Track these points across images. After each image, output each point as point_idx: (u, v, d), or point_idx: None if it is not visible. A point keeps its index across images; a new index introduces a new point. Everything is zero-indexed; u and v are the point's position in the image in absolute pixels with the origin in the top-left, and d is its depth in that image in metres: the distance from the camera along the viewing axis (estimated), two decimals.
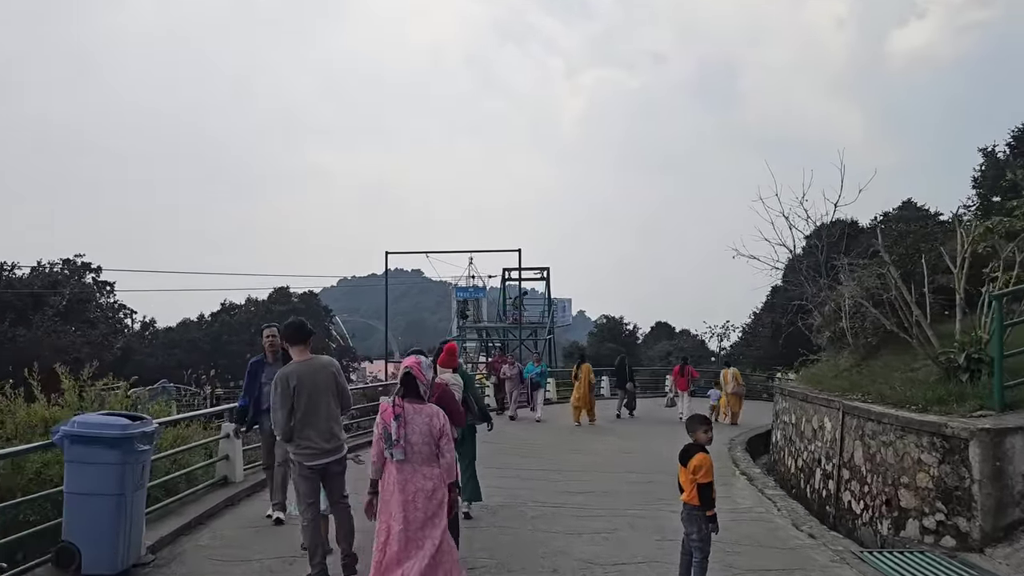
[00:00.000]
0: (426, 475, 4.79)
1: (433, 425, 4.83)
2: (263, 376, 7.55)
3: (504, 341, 37.36)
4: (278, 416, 5.63)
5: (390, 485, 4.80)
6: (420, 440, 4.78)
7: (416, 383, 4.91)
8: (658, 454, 13.51)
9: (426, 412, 4.88)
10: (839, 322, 14.37)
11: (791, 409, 12.72)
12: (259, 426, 7.84)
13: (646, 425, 19.24)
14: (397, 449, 4.72)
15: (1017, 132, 39.07)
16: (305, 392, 5.63)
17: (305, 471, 5.69)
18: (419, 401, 4.91)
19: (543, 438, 15.45)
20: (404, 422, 4.76)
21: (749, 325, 61.11)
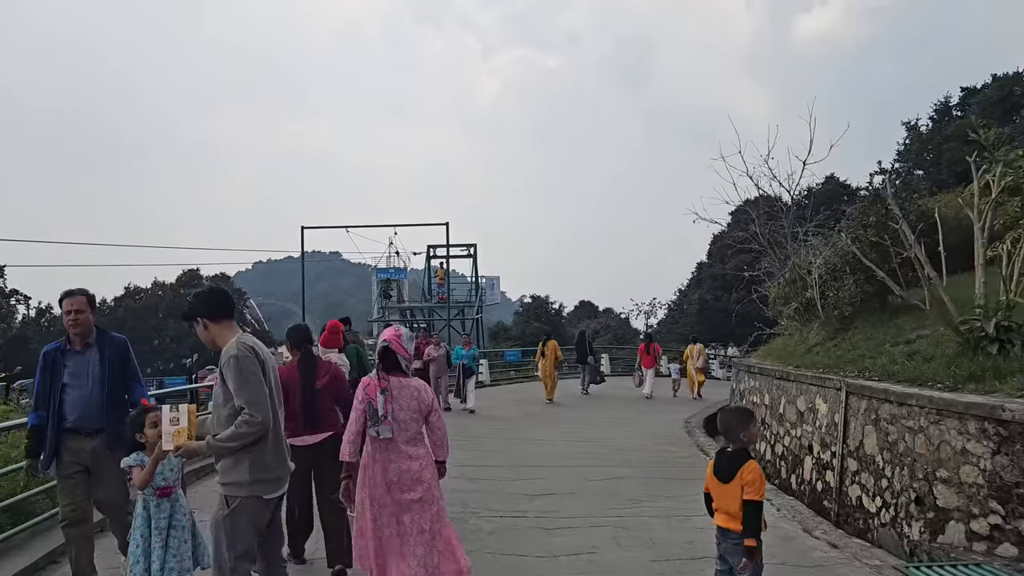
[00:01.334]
0: (411, 455, 4.41)
1: (422, 400, 4.47)
2: (66, 372, 4.92)
3: (429, 322, 35.49)
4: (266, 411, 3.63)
5: (371, 467, 4.39)
6: (408, 416, 4.41)
7: (396, 357, 4.50)
8: (617, 443, 12.08)
9: (413, 386, 4.50)
10: (805, 292, 13.23)
11: (763, 388, 11.46)
12: (58, 459, 4.86)
13: (603, 407, 17.85)
14: (385, 426, 4.31)
15: (940, 105, 39.54)
16: (273, 384, 3.86)
17: (257, 507, 3.77)
18: (402, 374, 4.52)
19: (485, 428, 13.81)
20: (391, 396, 4.37)
21: (675, 302, 61.02)
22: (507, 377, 25.54)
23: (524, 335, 58.79)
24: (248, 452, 3.64)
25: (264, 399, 3.64)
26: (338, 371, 5.74)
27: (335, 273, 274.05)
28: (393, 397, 4.38)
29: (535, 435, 12.84)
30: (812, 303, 12.85)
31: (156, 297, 69.71)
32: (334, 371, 5.65)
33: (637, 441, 12.30)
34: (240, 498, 3.66)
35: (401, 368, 4.51)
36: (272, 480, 3.76)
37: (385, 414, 4.32)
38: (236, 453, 3.63)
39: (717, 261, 55.59)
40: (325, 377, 5.52)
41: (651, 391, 20.02)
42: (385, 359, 4.51)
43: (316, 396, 5.41)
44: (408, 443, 4.40)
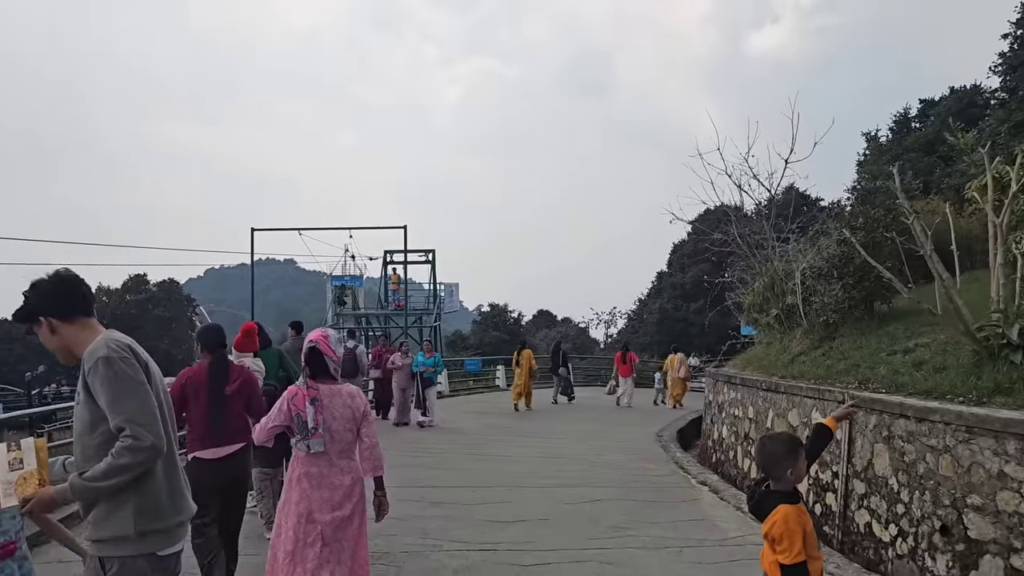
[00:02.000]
0: (345, 468, 4.10)
1: (355, 407, 4.14)
2: None
3: (385, 329, 34.30)
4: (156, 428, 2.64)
5: (300, 484, 4.02)
6: (342, 426, 4.07)
7: (324, 360, 4.13)
8: (589, 459, 11.18)
9: (345, 392, 4.17)
10: (784, 298, 12.53)
11: (745, 401, 10.67)
12: None
13: (571, 419, 16.97)
14: (316, 439, 3.97)
15: (899, 117, 39.69)
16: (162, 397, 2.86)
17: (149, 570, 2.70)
18: (332, 381, 4.16)
19: (446, 443, 12.80)
20: (322, 406, 4.02)
21: (634, 311, 60.61)
22: (466, 387, 24.51)
23: (483, 344, 57.79)
24: (132, 492, 2.62)
25: (153, 413, 2.63)
26: (250, 376, 5.24)
27: (289, 281, 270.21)
28: (324, 406, 4.02)
29: (501, 451, 11.88)
30: (794, 310, 12.15)
31: (100, 303, 67.08)
32: (246, 376, 5.18)
33: (610, 457, 11.42)
34: (123, 559, 2.63)
35: (330, 373, 4.15)
36: (168, 530, 2.74)
37: (316, 426, 3.96)
38: (115, 495, 2.60)
39: (677, 270, 55.40)
40: (236, 382, 5.04)
41: (630, 400, 19.92)
42: (313, 362, 4.13)
43: (224, 403, 4.94)
44: (341, 456, 4.10)
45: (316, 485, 4.01)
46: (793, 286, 12.28)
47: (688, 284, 51.88)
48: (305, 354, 4.16)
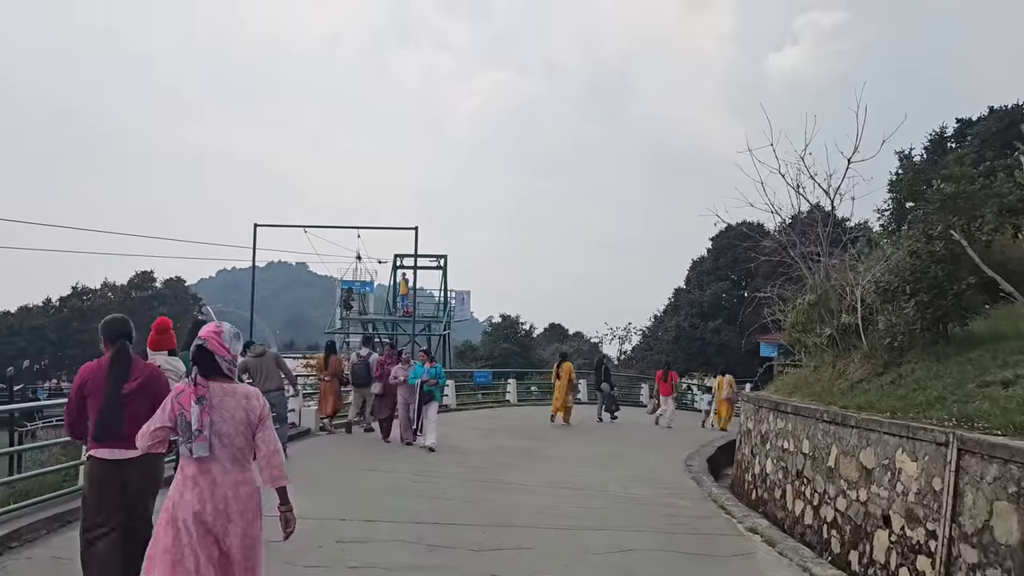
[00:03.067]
0: (239, 478, 3.67)
1: (250, 409, 3.72)
2: None
3: (392, 336, 32.98)
4: None
5: (187, 492, 3.60)
6: (234, 429, 3.66)
7: (214, 359, 3.73)
8: (612, 491, 9.74)
9: (240, 393, 3.76)
10: (838, 317, 11.09)
11: (798, 432, 9.21)
12: None
13: (588, 440, 15.54)
14: (199, 443, 3.57)
15: (935, 136, 38.21)
16: None
17: None
18: (226, 380, 3.77)
19: (449, 466, 11.39)
20: (210, 406, 3.63)
21: (649, 328, 59.05)
22: (475, 401, 23.05)
23: (492, 355, 56.30)
24: None
25: None
26: (156, 374, 4.79)
27: (301, 284, 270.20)
28: (213, 407, 3.67)
29: (514, 477, 10.44)
30: (851, 330, 10.72)
31: (105, 299, 66.23)
32: (151, 373, 4.72)
33: (637, 490, 9.97)
34: None
35: (223, 371, 3.79)
36: None
37: (201, 428, 3.60)
38: None
39: (695, 287, 53.88)
40: (137, 380, 4.58)
41: (670, 421, 19.43)
42: (201, 361, 3.74)
43: (120, 401, 4.49)
44: (235, 462, 3.70)
45: (205, 496, 3.61)
46: (850, 303, 10.85)
47: (707, 302, 50.32)
48: (193, 353, 3.76)
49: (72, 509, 6.59)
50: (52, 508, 6.89)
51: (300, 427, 13.97)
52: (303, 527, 7.27)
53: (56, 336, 63.66)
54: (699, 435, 17.81)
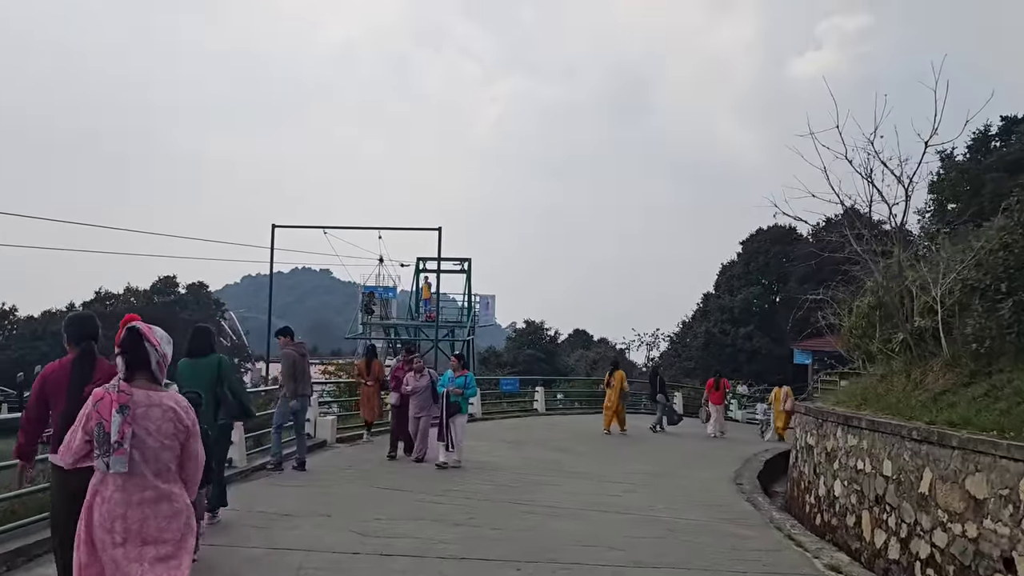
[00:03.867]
0: (164, 493, 3.33)
1: (179, 421, 3.37)
2: None
3: (415, 342, 32.03)
4: None
5: (102, 507, 3.25)
6: (158, 443, 3.31)
7: (145, 348, 3.39)
8: (660, 516, 8.62)
9: (167, 404, 3.37)
10: (914, 319, 9.90)
11: (877, 451, 8.05)
12: None
13: (626, 454, 14.40)
14: (118, 456, 3.19)
15: (978, 135, 36.65)
16: None
17: None
18: (153, 385, 3.41)
19: (477, 484, 10.35)
20: (132, 417, 3.25)
21: (677, 334, 57.66)
22: (500, 410, 21.96)
23: (517, 362, 55.23)
24: None
25: None
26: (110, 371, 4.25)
27: (324, 291, 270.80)
28: (136, 417, 3.25)
29: (548, 498, 9.36)
30: (927, 334, 9.54)
31: (128, 304, 65.98)
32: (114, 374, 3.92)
33: (690, 515, 8.84)
34: None
35: (150, 366, 3.39)
36: None
37: (121, 440, 3.18)
38: None
39: (725, 292, 52.43)
40: (99, 382, 3.92)
41: (718, 430, 19.19)
42: (131, 350, 3.36)
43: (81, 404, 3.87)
44: (157, 477, 3.31)
45: (121, 513, 3.26)
46: (926, 304, 9.67)
47: (737, 307, 48.87)
48: (123, 339, 3.43)
49: None
50: None
51: (315, 438, 12.97)
52: (308, 563, 6.33)
53: None
54: (741, 448, 16.64)
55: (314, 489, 9.15)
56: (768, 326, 48.97)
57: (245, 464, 10.08)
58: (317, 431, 13.14)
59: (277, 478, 9.79)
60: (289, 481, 9.63)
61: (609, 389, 18.18)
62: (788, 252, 50.48)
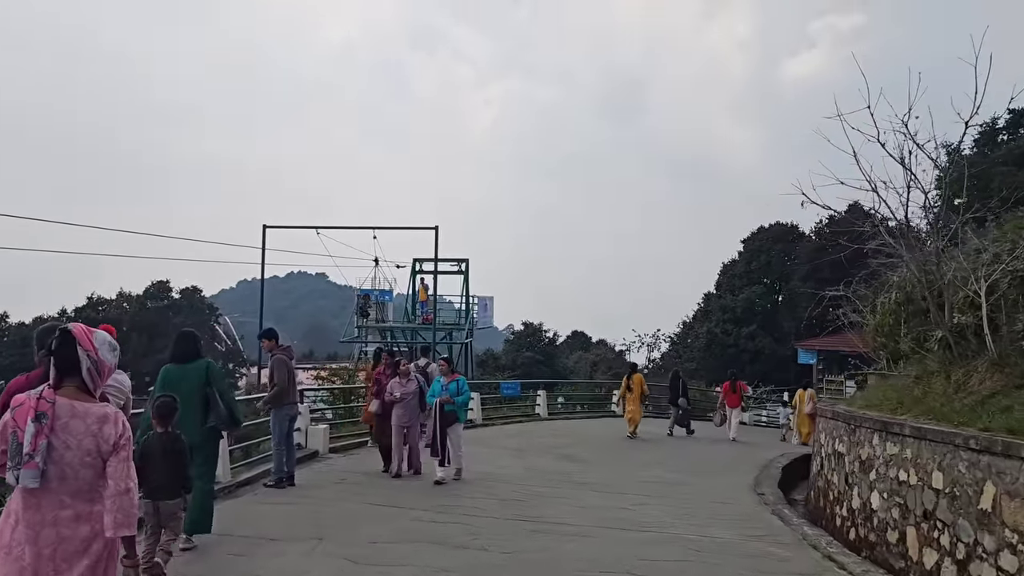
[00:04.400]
0: (80, 513, 3.00)
1: (102, 436, 3.04)
2: None
3: (412, 345, 31.24)
4: None
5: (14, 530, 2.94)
6: (78, 458, 3.00)
7: (77, 352, 3.09)
8: (682, 534, 7.83)
9: (94, 414, 3.06)
10: (949, 316, 9.15)
11: (924, 461, 7.28)
12: None
13: (638, 461, 13.61)
14: (29, 469, 2.90)
15: (985, 128, 35.98)
16: None
17: None
18: (84, 395, 3.10)
19: (478, 499, 9.59)
20: (51, 427, 2.96)
21: (678, 335, 56.92)
22: (501, 415, 21.16)
23: (516, 364, 54.47)
24: None
25: None
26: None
27: (319, 295, 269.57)
28: (55, 428, 2.95)
29: (556, 514, 8.58)
30: (968, 331, 8.79)
31: (120, 309, 65.14)
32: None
33: (713, 531, 8.06)
34: None
35: (80, 372, 3.06)
36: None
37: (33, 451, 2.89)
38: None
39: (727, 291, 51.68)
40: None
41: (736, 434, 18.78)
42: (60, 354, 3.08)
43: None
44: (76, 496, 3.00)
45: (35, 536, 2.91)
46: (966, 299, 8.92)
47: (740, 307, 48.12)
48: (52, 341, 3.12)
49: None
50: None
51: (307, 448, 12.19)
52: None
53: None
54: (755, 452, 15.89)
55: (303, 507, 8.37)
56: (771, 326, 48.24)
57: (229, 479, 9.29)
58: (309, 441, 12.36)
59: (264, 495, 9.01)
60: (276, 498, 8.83)
61: (629, 394, 18.05)
62: (790, 250, 49.83)
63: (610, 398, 25.44)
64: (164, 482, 5.48)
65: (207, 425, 6.61)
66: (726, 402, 19.62)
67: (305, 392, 13.24)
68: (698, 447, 16.84)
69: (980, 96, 8.84)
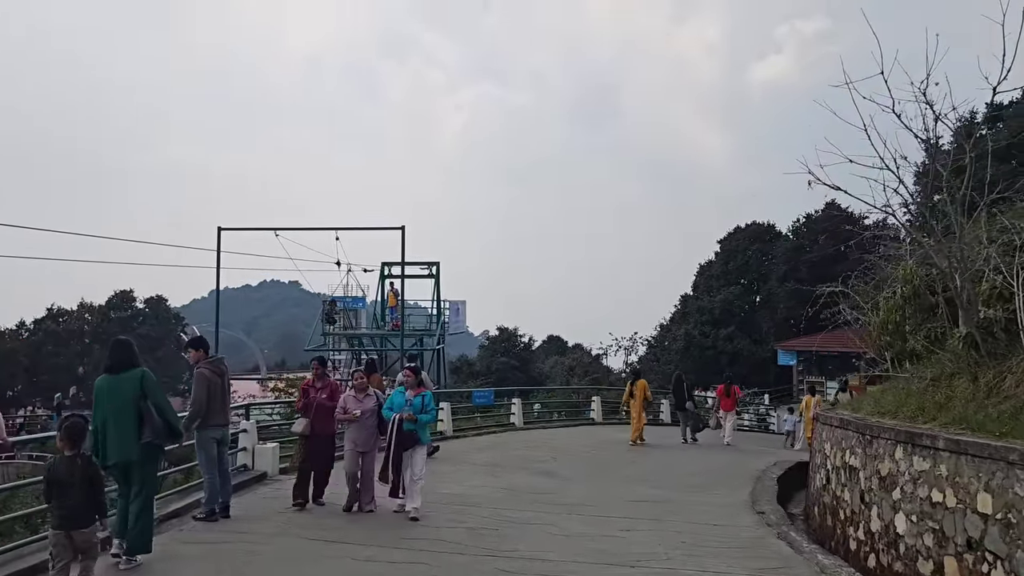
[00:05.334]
0: None
1: None
2: None
3: (382, 352, 29.91)
4: None
5: None
6: None
7: None
8: (683, 569, 6.65)
9: None
10: (974, 310, 8.13)
11: (964, 480, 6.20)
12: None
13: (619, 477, 12.40)
14: None
15: (964, 122, 35.46)
16: None
17: None
18: None
19: (446, 524, 8.39)
20: None
21: (655, 338, 56.03)
22: (474, 426, 19.91)
23: (490, 371, 53.20)
24: None
25: None
26: None
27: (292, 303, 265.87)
28: None
29: (535, 548, 7.38)
30: (997, 327, 7.76)
31: (82, 320, 62.92)
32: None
33: (716, 564, 6.91)
34: None
35: None
36: None
37: None
38: None
39: (704, 293, 50.90)
40: None
41: (730, 438, 18.38)
42: None
43: None
44: None
45: None
46: (994, 291, 7.90)
47: (717, 308, 47.32)
48: None
49: None
50: None
51: (255, 470, 10.89)
52: None
53: (29, 361, 60.23)
54: (747, 460, 14.86)
55: (235, 547, 7.09)
56: (749, 327, 47.50)
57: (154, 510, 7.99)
58: (256, 462, 11.04)
59: (191, 531, 7.70)
60: (204, 535, 7.53)
61: (632, 400, 17.61)
62: (768, 250, 49.19)
63: (589, 405, 24.30)
64: (76, 510, 5.20)
65: (143, 440, 6.25)
66: (721, 406, 19.32)
67: (252, 407, 11.93)
68: (685, 457, 15.75)
69: (1009, 60, 7.80)
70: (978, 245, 8.35)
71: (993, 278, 7.85)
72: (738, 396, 20.52)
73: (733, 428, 19.08)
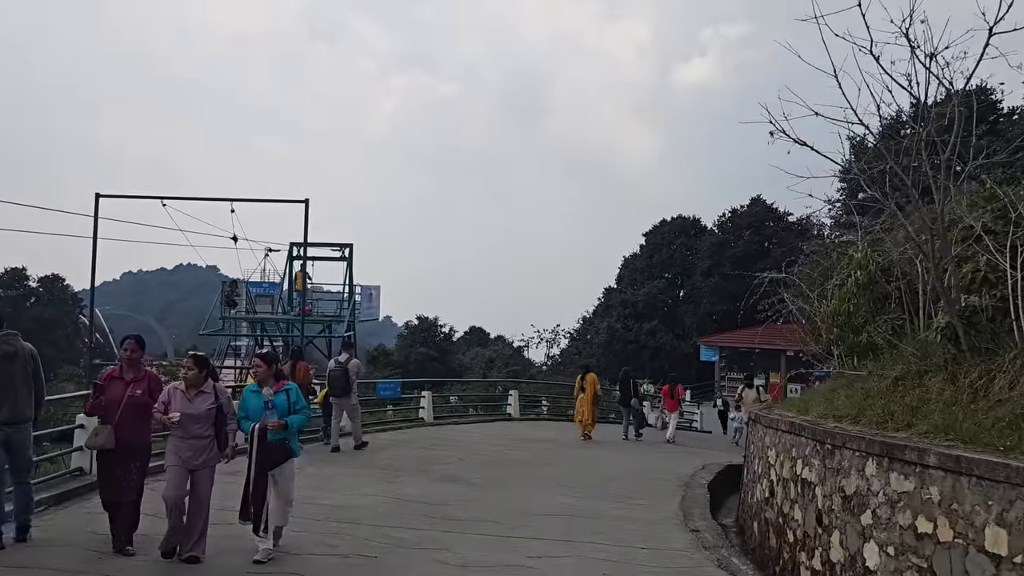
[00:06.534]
0: None
1: None
2: None
3: (289, 338, 27.81)
4: None
5: None
6: None
7: None
8: None
9: None
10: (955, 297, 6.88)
11: (966, 509, 4.85)
12: None
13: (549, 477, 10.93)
14: None
15: (890, 120, 35.44)
16: None
17: None
18: None
19: (322, 551, 6.68)
20: None
21: (578, 331, 55.16)
22: (377, 420, 18.07)
23: (408, 361, 51.28)
24: None
25: None
26: None
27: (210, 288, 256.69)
28: None
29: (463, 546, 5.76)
30: (982, 316, 6.52)
31: None
32: None
33: None
34: None
35: None
36: None
37: None
38: None
39: (628, 286, 50.17)
40: None
41: (674, 436, 18.73)
42: None
43: None
44: None
45: None
46: (977, 275, 6.66)
47: (641, 302, 46.62)
48: None
49: None
50: None
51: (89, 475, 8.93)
52: None
53: None
54: (673, 464, 13.59)
55: None
56: (672, 321, 46.98)
57: None
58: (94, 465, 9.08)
59: None
60: None
61: (582, 394, 17.44)
62: (693, 244, 48.80)
63: (506, 399, 22.80)
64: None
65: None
66: (665, 406, 20.00)
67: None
68: (609, 457, 14.41)
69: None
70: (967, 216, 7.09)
71: (978, 259, 6.60)
72: (680, 396, 21.14)
73: (674, 427, 19.32)
